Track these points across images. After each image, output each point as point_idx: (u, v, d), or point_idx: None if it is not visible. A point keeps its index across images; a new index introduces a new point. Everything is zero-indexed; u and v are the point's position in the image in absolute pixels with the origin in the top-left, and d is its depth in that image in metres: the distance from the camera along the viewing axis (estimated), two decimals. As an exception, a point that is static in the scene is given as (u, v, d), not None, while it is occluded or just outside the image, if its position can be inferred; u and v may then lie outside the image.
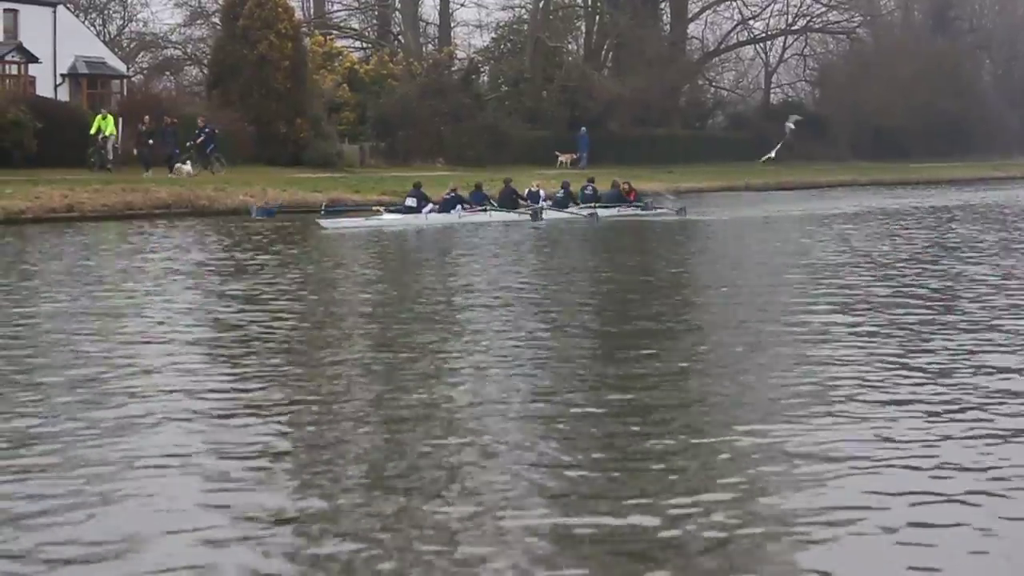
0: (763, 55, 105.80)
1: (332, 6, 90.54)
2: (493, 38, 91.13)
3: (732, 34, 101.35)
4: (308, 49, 69.64)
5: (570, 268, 26.47)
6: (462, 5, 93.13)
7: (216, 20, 74.34)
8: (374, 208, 41.30)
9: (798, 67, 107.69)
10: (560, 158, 76.47)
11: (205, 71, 73.09)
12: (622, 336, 16.57)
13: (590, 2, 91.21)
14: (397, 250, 32.66)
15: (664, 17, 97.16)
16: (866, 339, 15.76)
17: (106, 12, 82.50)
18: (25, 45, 60.13)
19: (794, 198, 62.20)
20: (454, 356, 14.69)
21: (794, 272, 24.89)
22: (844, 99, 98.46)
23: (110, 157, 50.93)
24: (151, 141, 52.92)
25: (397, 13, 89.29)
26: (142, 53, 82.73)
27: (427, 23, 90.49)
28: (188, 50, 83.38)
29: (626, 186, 49.24)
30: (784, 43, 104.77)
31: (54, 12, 64.06)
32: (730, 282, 23.28)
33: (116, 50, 72.61)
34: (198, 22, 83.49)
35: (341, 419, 11.36)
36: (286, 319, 17.83)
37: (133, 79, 70.64)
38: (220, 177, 52.09)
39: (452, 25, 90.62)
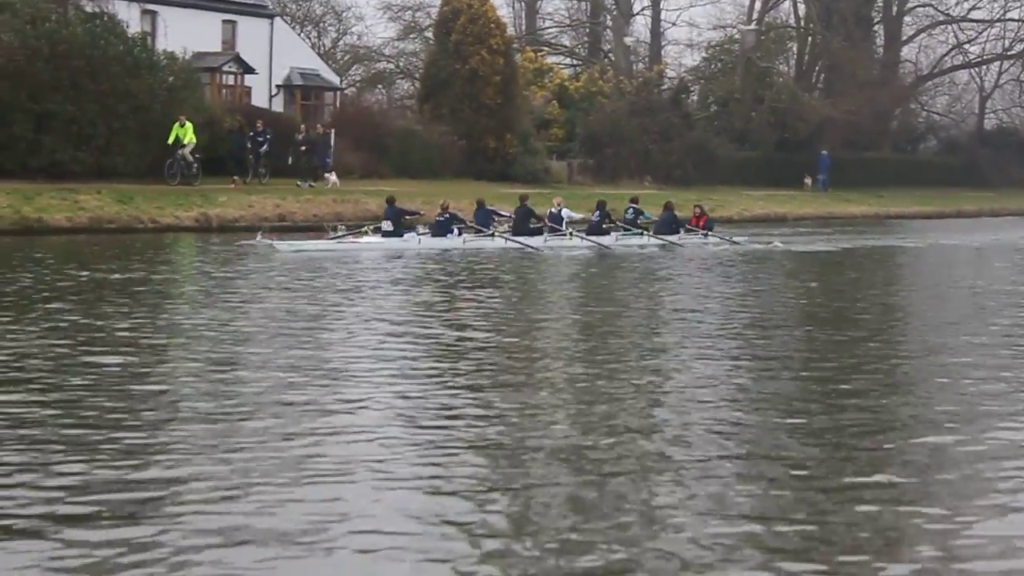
0: (978, 80, 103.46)
1: (544, 23, 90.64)
2: (704, 57, 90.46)
3: (947, 58, 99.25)
4: (519, 65, 69.48)
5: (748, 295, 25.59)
6: (673, 24, 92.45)
7: (429, 35, 74.64)
8: (364, 229, 35.86)
9: (1014, 92, 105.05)
10: (807, 181, 75.99)
11: (416, 85, 73.35)
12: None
13: (803, 23, 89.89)
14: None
15: (877, 40, 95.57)
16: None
17: (321, 25, 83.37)
18: (242, 56, 60.78)
19: (1009, 225, 60.70)
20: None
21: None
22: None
23: (194, 169, 46.57)
24: (303, 148, 51.91)
25: (608, 31, 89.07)
26: (355, 66, 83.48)
27: (638, 41, 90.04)
28: (400, 64, 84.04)
29: (697, 210, 42.68)
30: (1000, 68, 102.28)
31: (271, 24, 64.69)
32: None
33: (330, 62, 73.25)
34: (411, 36, 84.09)
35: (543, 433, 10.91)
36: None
37: (346, 91, 71.07)
38: (421, 189, 52.05)
39: (663, 44, 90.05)
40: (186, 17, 58.31)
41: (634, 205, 41.53)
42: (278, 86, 63.92)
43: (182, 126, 45.93)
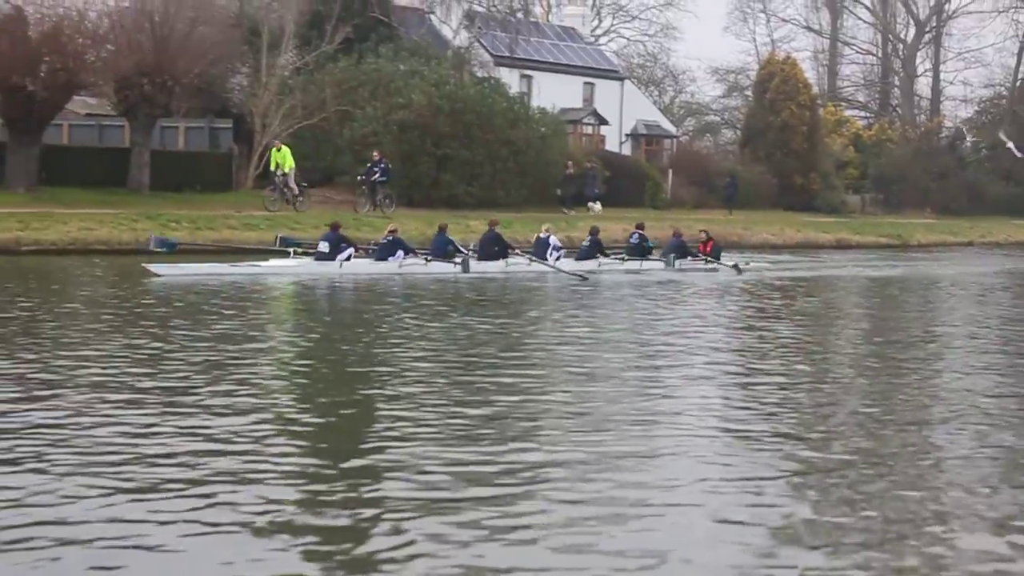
0: None
1: (842, 83, 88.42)
2: (976, 110, 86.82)
3: None
4: (822, 117, 67.96)
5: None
6: (950, 83, 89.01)
7: (748, 93, 73.49)
8: (295, 251, 27.13)
9: None
10: None
11: (738, 133, 72.39)
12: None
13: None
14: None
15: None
16: None
17: (662, 85, 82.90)
18: (599, 111, 60.99)
19: None
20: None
21: None
22: None
23: (296, 194, 38.63)
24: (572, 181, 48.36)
25: (896, 89, 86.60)
26: (688, 118, 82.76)
27: (920, 97, 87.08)
28: (725, 116, 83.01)
29: (703, 235, 33.25)
30: None
31: (622, 85, 64.74)
32: None
33: (668, 115, 72.73)
34: (734, 94, 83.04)
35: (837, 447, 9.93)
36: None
37: (681, 139, 70.47)
38: (733, 218, 50.97)
39: (941, 100, 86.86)
40: (555, 80, 58.77)
41: (639, 231, 32.17)
42: (627, 135, 63.81)
43: (279, 151, 38.61)
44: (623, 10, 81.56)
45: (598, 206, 48.21)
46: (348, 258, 26.68)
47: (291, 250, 27.14)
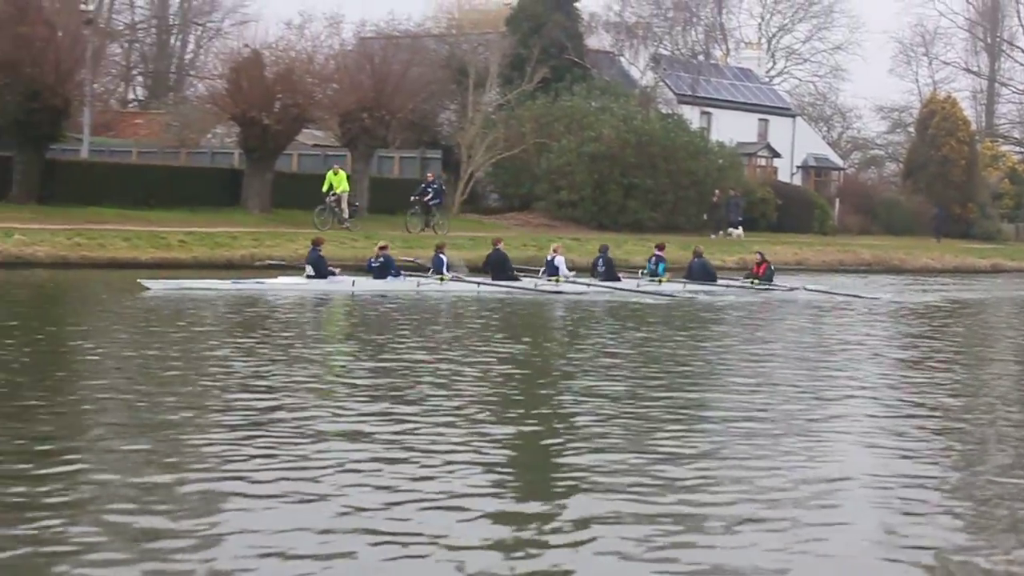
0: None
1: (999, 120, 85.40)
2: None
3: None
4: (979, 152, 65.62)
5: None
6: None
7: (911, 129, 71.45)
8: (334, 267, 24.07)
9: None
10: None
11: (900, 166, 70.43)
12: None
13: None
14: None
15: None
16: None
17: (830, 122, 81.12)
18: (772, 144, 59.86)
19: None
20: None
21: None
22: None
23: (346, 215, 34.93)
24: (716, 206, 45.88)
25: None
26: (855, 152, 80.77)
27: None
28: (889, 151, 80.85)
29: (758, 257, 29.03)
30: None
31: (793, 121, 63.49)
32: None
33: (836, 149, 71.25)
34: (897, 130, 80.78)
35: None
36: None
37: (847, 171, 68.76)
38: (901, 243, 49.29)
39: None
40: (732, 117, 57.92)
41: (658, 253, 28.21)
42: (797, 167, 62.53)
43: (335, 174, 35.37)
44: (796, 53, 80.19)
45: (739, 231, 46.19)
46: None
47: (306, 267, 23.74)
